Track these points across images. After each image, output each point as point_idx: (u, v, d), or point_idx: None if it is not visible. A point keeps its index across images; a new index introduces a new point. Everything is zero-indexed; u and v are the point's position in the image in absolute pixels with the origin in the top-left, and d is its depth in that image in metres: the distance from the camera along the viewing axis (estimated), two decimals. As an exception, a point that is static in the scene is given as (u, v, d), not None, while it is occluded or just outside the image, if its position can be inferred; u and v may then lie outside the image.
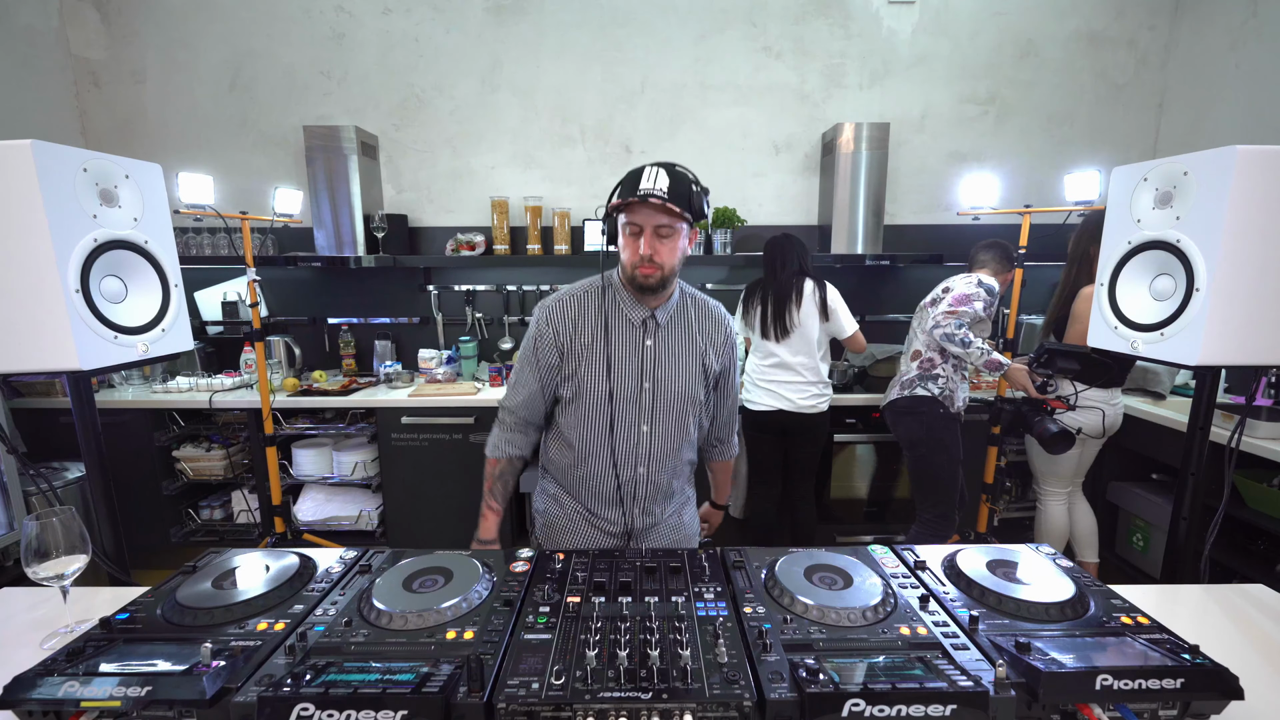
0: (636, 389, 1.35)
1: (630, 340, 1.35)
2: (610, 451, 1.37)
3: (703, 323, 1.41)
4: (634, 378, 1.35)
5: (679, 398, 1.37)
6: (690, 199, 1.22)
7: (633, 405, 1.35)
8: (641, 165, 1.24)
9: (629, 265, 1.29)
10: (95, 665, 0.80)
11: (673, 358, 1.37)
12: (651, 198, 1.19)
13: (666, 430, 1.38)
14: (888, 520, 3.02)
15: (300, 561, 1.08)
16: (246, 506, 3.03)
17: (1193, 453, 1.30)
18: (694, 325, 1.40)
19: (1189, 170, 1.18)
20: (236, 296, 3.20)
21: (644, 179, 1.21)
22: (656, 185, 1.20)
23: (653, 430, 1.37)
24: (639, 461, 1.38)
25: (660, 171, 1.22)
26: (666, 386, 1.36)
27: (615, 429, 1.35)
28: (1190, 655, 0.79)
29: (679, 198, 1.21)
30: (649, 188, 1.20)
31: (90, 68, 3.17)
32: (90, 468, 1.28)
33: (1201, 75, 3.05)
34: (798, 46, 3.18)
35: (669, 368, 1.36)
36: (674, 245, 1.27)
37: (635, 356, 1.35)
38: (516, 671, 0.79)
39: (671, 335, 1.37)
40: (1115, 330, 1.32)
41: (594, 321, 1.35)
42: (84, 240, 1.15)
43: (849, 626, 0.89)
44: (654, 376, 1.35)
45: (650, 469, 1.39)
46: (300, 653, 0.83)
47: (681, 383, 1.37)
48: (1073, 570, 1.05)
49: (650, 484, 1.41)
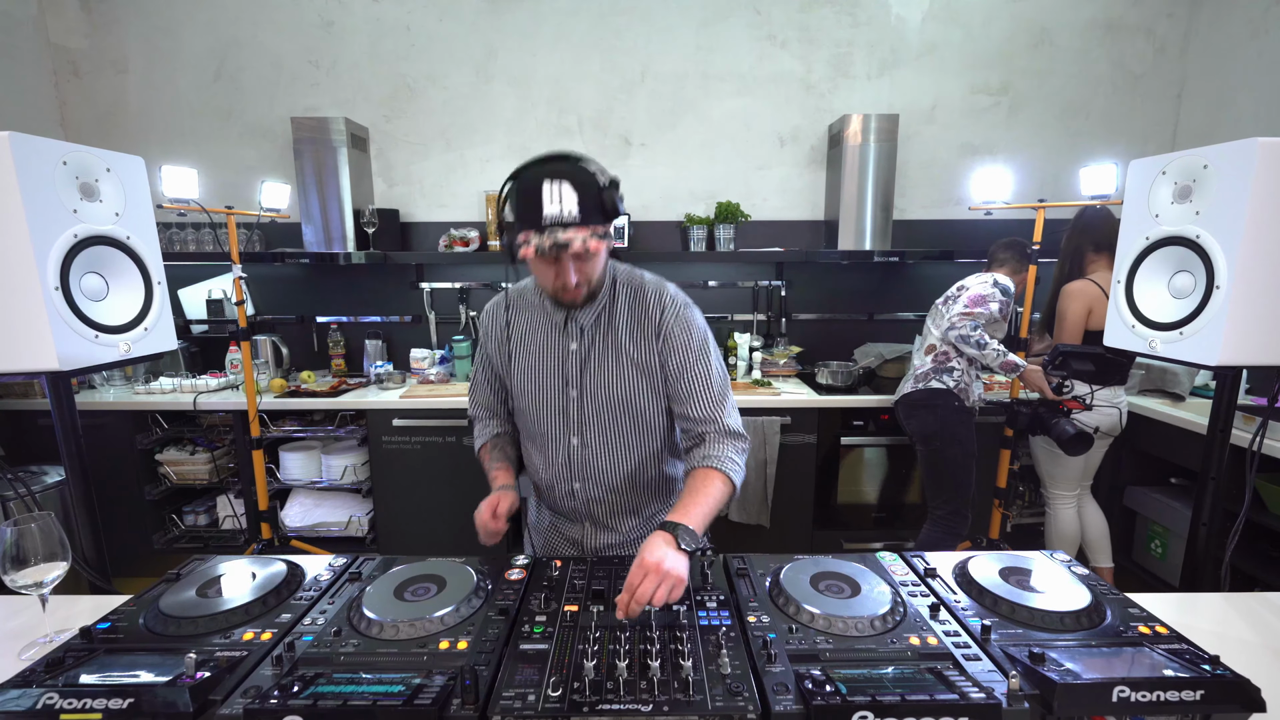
0: (560, 398, 1.25)
1: (553, 344, 1.25)
2: (546, 465, 1.31)
3: (635, 314, 1.23)
4: (557, 385, 1.25)
5: (612, 407, 1.24)
6: (603, 204, 1.05)
7: (558, 416, 1.26)
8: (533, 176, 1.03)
9: (547, 289, 1.16)
10: (75, 676, 0.80)
11: (601, 361, 1.23)
12: (562, 229, 1.02)
13: (604, 443, 1.27)
14: (897, 526, 3.02)
15: (288, 569, 1.08)
16: (232, 512, 3.02)
17: (1213, 456, 1.30)
18: (625, 320, 1.23)
19: (1209, 163, 1.17)
20: (222, 294, 3.20)
21: (545, 201, 1.01)
22: (565, 209, 1.01)
23: (584, 443, 1.26)
24: (574, 477, 1.29)
25: (563, 186, 1.01)
26: (595, 395, 1.24)
27: (543, 442, 1.29)
28: (1210, 666, 0.79)
29: (590, 212, 1.03)
30: (555, 214, 1.01)
31: (70, 56, 3.17)
32: (70, 472, 1.27)
33: (1222, 64, 3.05)
34: (803, 35, 3.18)
35: (597, 373, 1.23)
36: (598, 261, 1.14)
37: (557, 362, 1.25)
38: (512, 683, 0.79)
39: (599, 335, 1.24)
40: (1132, 329, 1.32)
41: (521, 322, 1.29)
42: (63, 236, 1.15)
43: (857, 636, 0.89)
44: (579, 384, 1.24)
45: (589, 485, 1.30)
46: (288, 663, 0.83)
47: (613, 389, 1.23)
48: (1089, 578, 1.05)
49: (594, 501, 1.31)
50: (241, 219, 2.72)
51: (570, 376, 1.24)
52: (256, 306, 3.35)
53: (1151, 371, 2.80)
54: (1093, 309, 2.38)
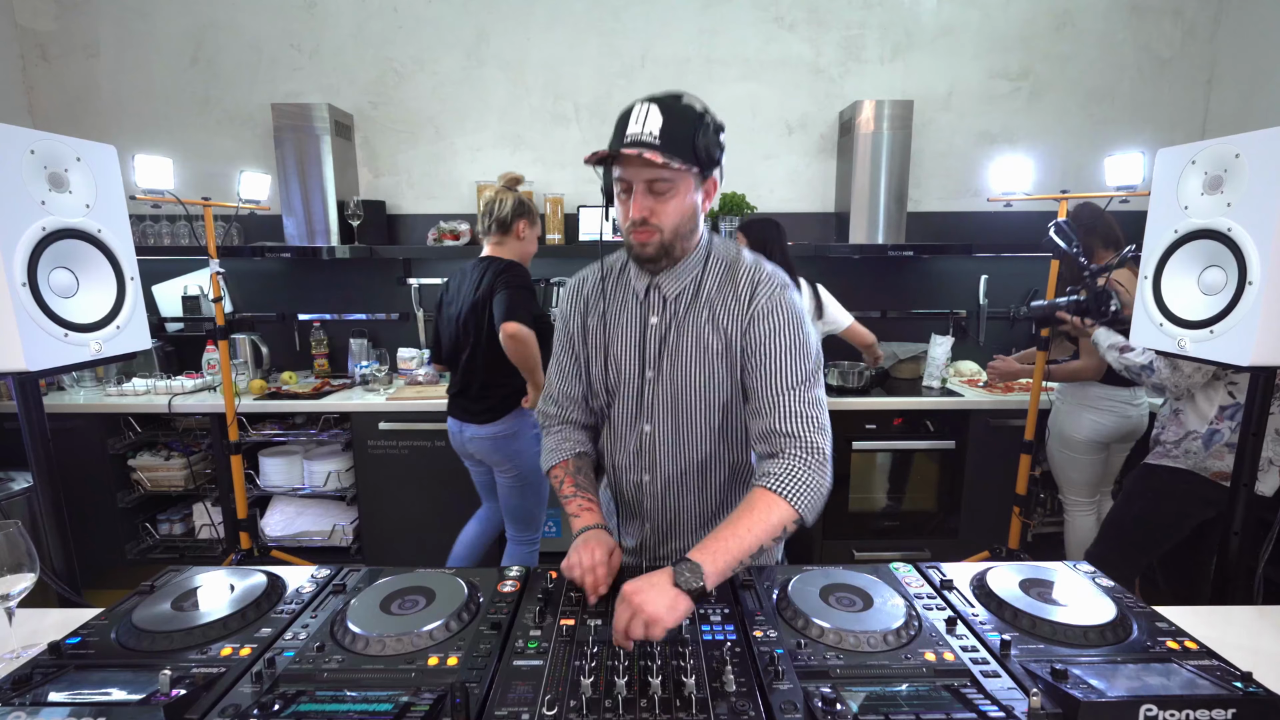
0: (636, 378, 1.22)
1: (631, 317, 1.22)
2: (619, 451, 1.27)
3: (724, 290, 1.18)
4: (633, 365, 1.22)
5: (688, 394, 1.20)
6: (694, 140, 1.06)
7: (631, 399, 1.23)
8: (633, 104, 1.08)
9: (623, 230, 1.15)
10: (43, 694, 0.80)
11: (680, 339, 1.19)
12: (636, 146, 1.04)
13: (677, 432, 1.22)
14: (911, 535, 3.02)
15: (268, 580, 1.08)
16: (209, 520, 3.02)
17: (1244, 461, 1.30)
18: (713, 296, 1.19)
19: (1241, 152, 1.17)
20: (198, 290, 3.20)
21: (631, 120, 1.06)
22: (646, 128, 1.04)
23: (655, 430, 1.23)
24: (643, 469, 1.26)
25: (652, 109, 1.05)
26: (673, 378, 1.19)
27: (617, 425, 1.26)
28: (1243, 683, 0.79)
29: (675, 141, 1.04)
30: (636, 132, 1.04)
31: (38, 39, 3.17)
32: (38, 478, 1.27)
33: (1254, 48, 3.05)
34: (812, 16, 3.18)
35: (676, 354, 1.19)
36: (676, 203, 1.10)
37: (635, 338, 1.21)
38: (505, 701, 0.79)
39: (681, 310, 1.19)
40: (1160, 328, 1.32)
41: (615, 297, 1.24)
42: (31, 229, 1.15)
43: (869, 652, 0.89)
44: (658, 364, 1.20)
45: (658, 479, 1.26)
46: (268, 680, 0.83)
47: (691, 373, 1.19)
48: (1114, 590, 1.05)
49: (660, 498, 1.27)
50: (219, 211, 2.72)
51: (648, 354, 1.21)
52: (235, 303, 3.35)
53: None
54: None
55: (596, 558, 1.07)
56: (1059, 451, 2.60)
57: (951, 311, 3.38)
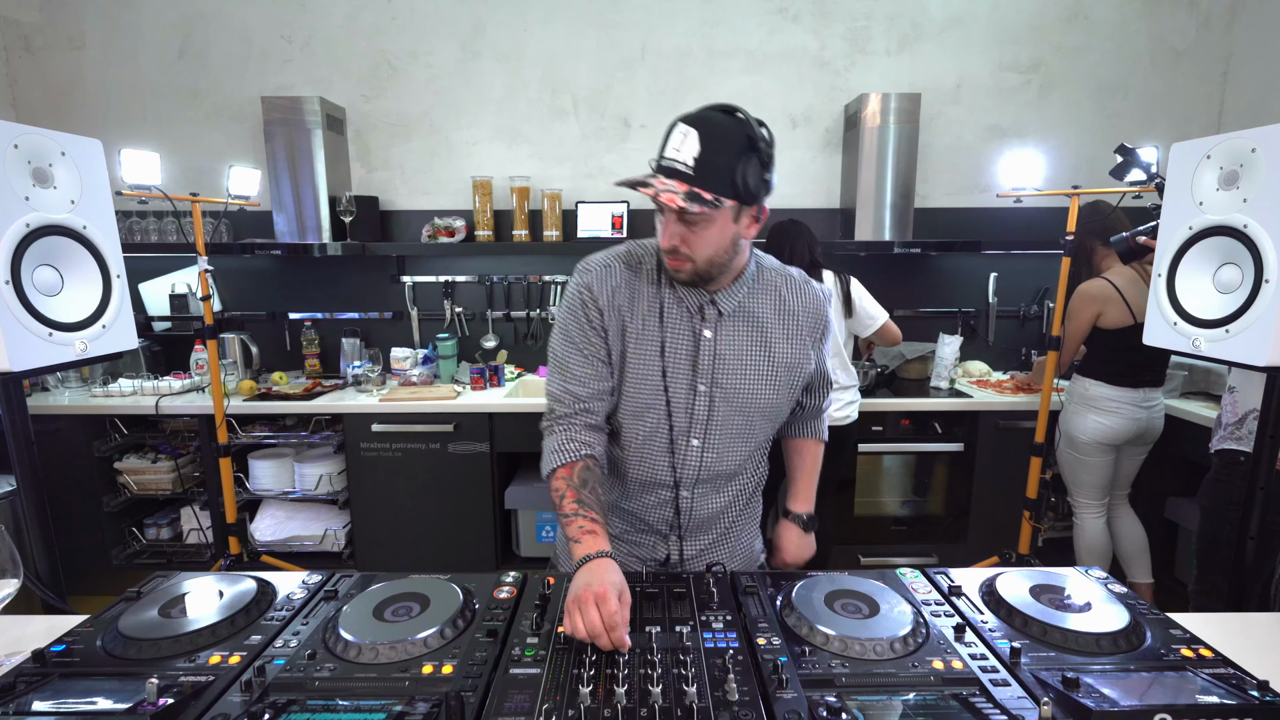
0: (688, 393, 1.19)
1: (682, 330, 1.18)
2: (666, 467, 1.23)
3: (789, 305, 1.21)
4: (685, 378, 1.19)
5: (745, 408, 1.20)
6: (733, 172, 1.01)
7: (682, 413, 1.20)
8: (677, 119, 1.04)
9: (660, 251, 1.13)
10: (27, 704, 0.80)
11: (740, 355, 1.19)
12: (668, 173, 1.02)
13: (726, 447, 1.22)
14: (919, 539, 3.03)
15: (258, 587, 1.08)
16: (197, 525, 3.02)
17: (1261, 464, 1.30)
18: (774, 311, 1.20)
19: (1257, 146, 1.17)
20: (186, 288, 3.20)
21: (670, 140, 1.03)
22: (682, 155, 1.01)
23: (705, 445, 1.21)
24: (684, 484, 1.24)
25: (690, 135, 1.00)
26: (729, 392, 1.19)
27: (648, 441, 1.22)
28: (1260, 692, 0.79)
29: (712, 173, 1.00)
30: (671, 156, 1.02)
31: (21, 30, 3.17)
32: (22, 481, 1.27)
33: (1271, 39, 3.05)
34: (817, 7, 3.18)
35: (734, 368, 1.19)
36: (709, 235, 1.06)
37: (688, 351, 1.18)
38: (501, 710, 0.79)
39: (740, 325, 1.19)
40: (1174, 326, 1.32)
41: (647, 298, 1.18)
42: (14, 226, 1.15)
43: (875, 660, 0.89)
44: (710, 378, 1.18)
45: (697, 492, 1.25)
46: (258, 689, 0.82)
47: (750, 388, 1.19)
48: (1127, 596, 1.05)
49: (691, 513, 1.27)
50: (208, 207, 2.72)
51: (701, 368, 1.18)
52: (224, 302, 3.35)
53: (1194, 373, 2.80)
54: (1103, 311, 2.41)
55: (610, 611, 0.89)
56: (1066, 453, 2.61)
57: (960, 310, 3.39)
